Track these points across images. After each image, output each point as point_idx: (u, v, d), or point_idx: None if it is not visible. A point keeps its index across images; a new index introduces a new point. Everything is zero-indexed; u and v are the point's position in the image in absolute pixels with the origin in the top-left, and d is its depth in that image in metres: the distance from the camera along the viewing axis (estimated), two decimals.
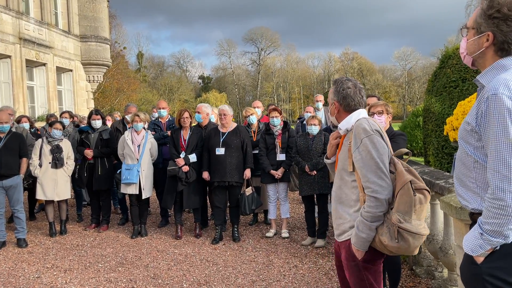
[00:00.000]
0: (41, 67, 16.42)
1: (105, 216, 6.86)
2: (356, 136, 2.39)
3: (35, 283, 4.68)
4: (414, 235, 2.29)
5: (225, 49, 65.70)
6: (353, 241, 2.39)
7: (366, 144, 2.35)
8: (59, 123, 6.58)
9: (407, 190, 2.29)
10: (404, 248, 2.30)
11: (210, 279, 4.66)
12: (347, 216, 2.48)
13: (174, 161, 6.13)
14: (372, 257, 2.42)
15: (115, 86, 31.68)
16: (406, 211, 2.28)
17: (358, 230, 2.35)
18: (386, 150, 2.39)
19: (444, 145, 5.76)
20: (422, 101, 29.79)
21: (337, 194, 2.57)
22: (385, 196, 2.30)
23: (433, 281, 4.21)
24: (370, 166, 2.33)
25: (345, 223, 2.50)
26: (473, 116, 1.73)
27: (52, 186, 6.35)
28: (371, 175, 2.31)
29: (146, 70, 58.05)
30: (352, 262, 2.45)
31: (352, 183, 2.46)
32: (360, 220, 2.34)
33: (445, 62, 6.05)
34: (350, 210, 2.47)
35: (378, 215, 2.31)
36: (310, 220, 5.86)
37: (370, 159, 2.33)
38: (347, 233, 2.48)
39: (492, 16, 1.74)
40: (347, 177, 2.48)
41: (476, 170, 1.76)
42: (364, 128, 2.38)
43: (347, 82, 2.59)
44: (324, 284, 4.43)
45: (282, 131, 6.16)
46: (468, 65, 1.92)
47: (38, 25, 15.95)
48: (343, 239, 2.52)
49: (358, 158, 2.37)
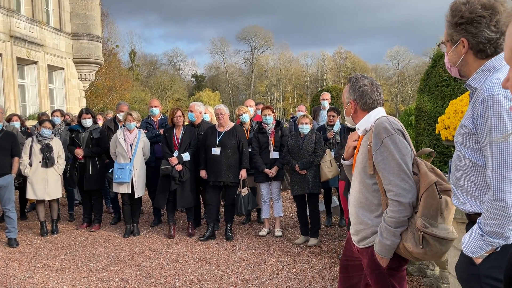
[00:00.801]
0: (32, 65, 16.28)
1: (97, 216, 6.82)
2: (376, 136, 2.24)
3: (26, 283, 4.64)
4: (441, 241, 2.13)
5: (218, 48, 65.58)
6: (377, 249, 2.23)
7: (387, 145, 2.19)
8: (48, 122, 6.53)
9: (432, 192, 2.13)
10: (430, 254, 2.14)
11: (203, 278, 4.65)
12: (368, 222, 2.32)
13: (167, 160, 6.11)
14: (397, 263, 2.28)
15: (108, 84, 31.50)
16: (432, 215, 2.13)
17: (382, 237, 2.20)
18: (408, 151, 2.23)
19: (436, 144, 5.79)
20: (414, 100, 29.98)
21: (356, 198, 2.39)
22: (409, 199, 2.15)
23: (425, 279, 4.23)
24: (392, 168, 2.17)
25: (366, 229, 2.33)
26: (469, 118, 1.71)
27: (43, 186, 6.29)
28: (394, 177, 2.16)
29: (138, 68, 57.75)
30: (376, 270, 2.30)
31: (373, 186, 2.29)
32: (384, 226, 2.19)
33: (437, 61, 6.08)
34: (371, 215, 2.31)
35: (402, 220, 2.16)
36: (302, 219, 5.87)
37: (392, 160, 2.17)
38: (368, 240, 2.33)
39: (458, 23, 1.80)
40: (367, 180, 2.31)
41: (474, 173, 1.74)
42: (385, 127, 2.22)
43: (363, 80, 2.43)
44: (317, 283, 4.43)
45: (275, 130, 6.16)
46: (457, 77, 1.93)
47: (29, 22, 15.81)
48: (364, 246, 2.36)
49: (379, 160, 2.21)
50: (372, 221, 2.30)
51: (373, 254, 2.29)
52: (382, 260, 2.24)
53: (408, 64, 63.01)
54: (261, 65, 64.37)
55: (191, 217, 6.35)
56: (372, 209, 2.31)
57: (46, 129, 6.39)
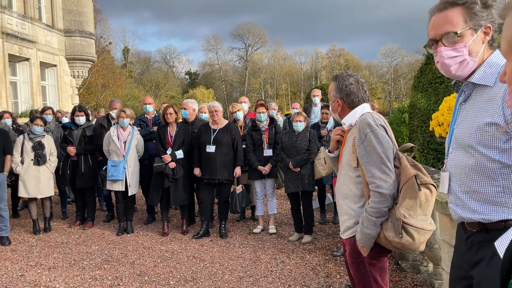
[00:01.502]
0: (24, 62, 16.12)
1: (90, 213, 6.78)
2: (360, 131, 2.36)
3: (18, 281, 4.61)
4: (419, 230, 2.27)
5: (212, 45, 65.38)
6: (358, 237, 2.36)
7: (370, 139, 2.32)
8: (40, 119, 6.46)
9: (412, 184, 2.27)
10: (409, 243, 2.27)
11: (197, 275, 4.64)
12: (351, 212, 2.45)
13: (161, 157, 6.08)
14: (377, 253, 2.40)
15: (101, 81, 31.31)
16: (411, 206, 2.26)
17: (363, 226, 2.33)
18: (390, 145, 2.36)
19: (429, 141, 5.82)
20: (407, 98, 30.10)
21: (341, 190, 2.54)
22: (390, 191, 2.28)
23: (418, 275, 4.25)
24: (374, 161, 2.31)
25: (349, 219, 2.47)
26: (497, 115, 1.55)
27: (35, 184, 6.24)
28: (375, 170, 2.30)
29: (132, 65, 57.44)
30: (357, 259, 2.43)
31: (357, 179, 2.43)
32: (365, 216, 2.32)
33: (431, 58, 6.10)
34: (355, 206, 2.44)
35: (382, 210, 2.29)
36: (296, 216, 5.87)
37: (374, 153, 2.31)
38: (351, 230, 2.46)
39: (488, 5, 1.63)
40: (351, 172, 2.45)
41: (503, 176, 1.57)
42: (369, 123, 2.35)
43: (349, 78, 2.53)
44: (311, 279, 4.44)
45: (268, 127, 6.15)
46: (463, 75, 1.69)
47: (21, 19, 15.65)
48: (347, 236, 2.49)
49: (362, 153, 2.34)
50: (355, 212, 2.43)
51: (355, 244, 2.42)
52: (363, 249, 2.36)
53: (401, 61, 63.24)
54: (255, 63, 64.28)
55: (185, 214, 6.33)
56: (356, 200, 2.44)
57: (38, 126, 6.33)
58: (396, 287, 4.12)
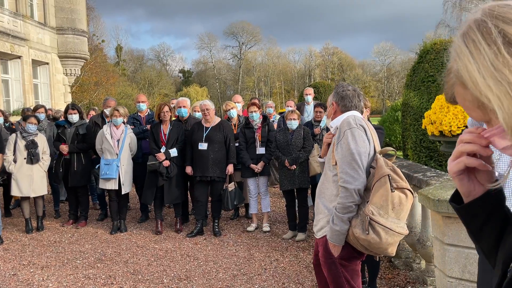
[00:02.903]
0: (16, 60, 15.97)
1: (83, 212, 6.75)
2: (340, 130, 2.43)
3: (11, 280, 4.58)
4: (388, 230, 2.24)
5: (206, 43, 65.19)
6: (328, 235, 2.39)
7: (346, 136, 2.38)
8: (33, 118, 6.42)
9: (384, 183, 2.27)
10: (375, 242, 2.24)
11: (190, 274, 4.64)
12: (325, 211, 2.48)
13: (154, 156, 6.07)
14: (348, 254, 2.40)
15: (94, 80, 31.10)
16: (382, 205, 2.25)
17: (332, 223, 2.36)
18: (366, 144, 2.39)
19: (422, 139, 5.86)
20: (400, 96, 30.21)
21: (319, 189, 2.57)
22: (355, 186, 2.29)
23: (411, 272, 4.28)
24: (346, 157, 2.35)
25: (323, 218, 2.49)
26: None
27: (28, 182, 6.20)
28: (345, 165, 2.34)
29: (125, 63, 57.11)
30: (329, 259, 2.44)
31: (334, 177, 2.45)
32: (334, 212, 2.36)
33: (423, 57, 6.14)
34: (329, 204, 2.46)
35: (347, 205, 2.30)
36: (291, 214, 5.89)
37: (347, 150, 2.35)
38: (324, 229, 2.47)
39: None
40: (329, 171, 2.50)
41: None
42: (349, 122, 2.42)
43: (348, 86, 2.67)
44: (304, 277, 4.46)
45: (261, 125, 6.16)
46: None
47: (13, 16, 15.50)
48: (320, 236, 2.51)
49: (338, 151, 2.39)
50: (329, 211, 2.45)
51: (327, 243, 2.43)
52: (334, 248, 2.37)
53: (394, 60, 63.47)
54: (248, 61, 64.20)
55: (179, 213, 6.32)
56: (331, 199, 2.46)
57: (32, 125, 6.29)
58: (389, 284, 4.15)
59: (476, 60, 0.70)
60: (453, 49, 0.76)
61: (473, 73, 0.70)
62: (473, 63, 0.70)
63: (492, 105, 0.69)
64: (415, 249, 4.18)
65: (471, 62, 0.70)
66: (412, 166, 4.45)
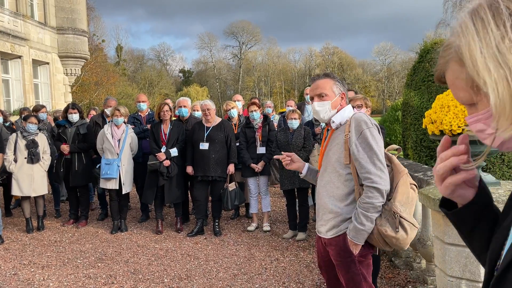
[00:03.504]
0: (17, 60, 15.98)
1: (84, 212, 6.75)
2: (356, 128, 2.39)
3: (11, 280, 4.58)
4: (411, 226, 2.32)
5: (206, 43, 65.18)
6: (352, 235, 2.35)
7: (366, 136, 2.36)
8: (34, 117, 6.42)
9: (405, 180, 2.35)
10: (403, 238, 2.31)
11: (191, 273, 4.64)
12: (338, 210, 2.42)
13: (155, 155, 6.07)
14: (366, 251, 2.41)
15: (94, 79, 31.10)
16: (404, 201, 2.33)
17: (357, 223, 2.32)
18: (382, 144, 2.43)
19: (422, 139, 5.85)
20: (401, 96, 30.21)
21: (326, 189, 2.49)
22: (385, 187, 2.33)
23: (411, 272, 4.28)
24: (370, 158, 2.33)
25: (336, 217, 2.43)
26: None
27: (28, 182, 6.20)
28: (371, 166, 2.32)
29: (125, 63, 57.09)
30: (347, 258, 2.40)
31: (347, 176, 2.42)
32: (360, 212, 2.32)
33: (424, 56, 6.14)
34: (341, 204, 2.42)
35: (377, 205, 2.31)
36: (291, 213, 5.89)
37: (370, 150, 2.34)
38: (338, 228, 2.43)
39: None
40: (341, 170, 2.43)
41: None
42: (365, 121, 2.40)
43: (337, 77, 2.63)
44: (305, 277, 4.46)
45: (262, 125, 6.16)
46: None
47: (13, 16, 15.51)
48: (333, 235, 2.44)
49: (357, 150, 2.36)
50: (342, 210, 2.42)
51: (344, 242, 2.40)
52: (355, 246, 2.36)
53: (394, 59, 63.44)
54: (249, 61, 64.19)
55: (179, 212, 6.33)
56: (343, 199, 2.43)
57: (32, 124, 6.29)
58: (389, 283, 4.15)
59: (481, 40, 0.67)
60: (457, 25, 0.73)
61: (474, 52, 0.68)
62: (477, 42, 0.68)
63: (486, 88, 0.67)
64: (415, 248, 4.18)
65: (475, 40, 0.68)
66: (412, 165, 4.46)
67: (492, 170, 5.28)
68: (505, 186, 2.99)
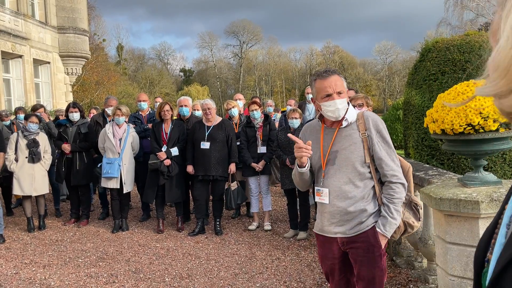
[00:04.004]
0: (18, 59, 15.99)
1: (85, 211, 6.76)
2: (374, 127, 2.43)
3: (13, 279, 4.59)
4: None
5: (207, 42, 65.12)
6: (386, 229, 2.38)
7: (384, 135, 2.44)
8: (35, 117, 6.43)
9: (411, 173, 2.57)
10: (417, 227, 2.55)
11: (192, 272, 4.64)
12: (361, 207, 2.40)
13: (156, 154, 6.07)
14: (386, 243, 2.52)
15: (95, 79, 31.10)
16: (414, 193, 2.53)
17: (390, 218, 2.38)
18: None
19: (423, 138, 5.84)
20: (402, 95, 30.21)
21: (343, 190, 2.41)
22: (405, 181, 2.46)
23: (412, 271, 4.28)
24: (390, 155, 2.43)
25: (359, 214, 2.40)
26: None
27: (29, 181, 6.21)
28: (393, 164, 2.43)
29: (126, 62, 57.08)
30: (377, 253, 2.40)
31: (368, 175, 2.42)
32: (392, 207, 2.39)
33: (425, 55, 6.13)
34: (363, 201, 2.41)
35: (403, 199, 2.44)
36: (292, 213, 5.89)
37: (389, 148, 2.44)
38: (364, 223, 2.40)
39: None
40: (362, 168, 2.40)
41: None
42: (380, 120, 2.48)
43: None
44: (306, 276, 4.46)
45: (263, 124, 6.16)
46: None
47: (14, 15, 15.51)
48: (360, 231, 2.40)
49: (380, 148, 2.41)
50: (366, 206, 2.43)
51: (374, 237, 2.40)
52: (385, 240, 2.42)
53: (396, 58, 63.35)
54: (249, 60, 64.15)
55: (180, 212, 6.33)
56: (364, 196, 2.43)
57: (33, 123, 6.29)
58: (391, 283, 4.15)
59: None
60: None
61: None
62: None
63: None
64: (416, 247, 4.18)
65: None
66: (414, 164, 4.45)
67: (493, 169, 5.27)
68: (507, 185, 2.98)
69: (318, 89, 2.46)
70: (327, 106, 2.42)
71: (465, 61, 5.62)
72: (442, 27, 34.60)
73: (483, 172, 3.06)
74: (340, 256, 2.52)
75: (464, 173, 3.49)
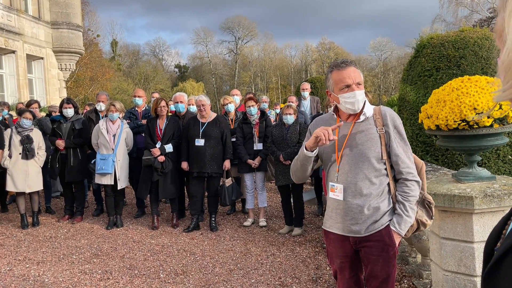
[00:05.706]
0: (11, 55, 15.85)
1: (79, 208, 6.73)
2: (392, 123, 2.35)
3: (6, 275, 4.56)
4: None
5: (202, 38, 64.86)
6: (401, 227, 2.30)
7: (402, 132, 2.38)
8: (29, 113, 6.37)
9: (424, 172, 2.48)
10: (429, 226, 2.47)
11: (187, 268, 4.64)
12: (376, 206, 2.31)
13: (150, 150, 6.05)
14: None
15: (89, 74, 30.94)
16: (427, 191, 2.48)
17: (406, 216, 2.31)
18: None
19: (418, 133, 5.85)
20: (397, 91, 30.27)
21: (359, 187, 2.31)
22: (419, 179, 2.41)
23: (406, 266, 4.29)
24: (406, 152, 2.36)
25: (375, 212, 2.31)
26: None
27: (23, 178, 6.17)
28: (409, 161, 2.37)
29: (120, 58, 56.78)
30: (391, 250, 2.34)
31: (383, 171, 2.33)
32: (407, 205, 2.31)
33: (420, 51, 6.13)
34: (379, 199, 2.32)
35: (417, 197, 2.39)
36: (286, 209, 5.89)
37: (405, 145, 2.38)
38: (379, 222, 2.32)
39: None
40: (378, 165, 2.31)
41: None
42: (397, 115, 2.40)
43: None
44: (301, 271, 4.46)
45: (259, 120, 6.14)
46: None
47: (7, 11, 15.37)
48: (376, 229, 2.31)
49: (397, 145, 2.34)
50: (379, 204, 2.33)
51: (389, 235, 2.32)
52: (399, 238, 2.36)
53: (391, 55, 63.43)
54: (245, 56, 64.01)
55: (175, 208, 6.31)
56: (379, 194, 2.34)
57: (27, 120, 6.24)
58: None
59: None
60: None
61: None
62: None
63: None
64: (411, 243, 4.20)
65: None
66: None
67: (487, 165, 5.29)
68: (500, 181, 3.00)
69: (336, 80, 2.33)
70: (346, 98, 2.29)
71: (459, 57, 5.63)
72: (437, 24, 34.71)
73: (477, 168, 3.07)
74: (352, 255, 2.44)
75: (458, 169, 3.50)
